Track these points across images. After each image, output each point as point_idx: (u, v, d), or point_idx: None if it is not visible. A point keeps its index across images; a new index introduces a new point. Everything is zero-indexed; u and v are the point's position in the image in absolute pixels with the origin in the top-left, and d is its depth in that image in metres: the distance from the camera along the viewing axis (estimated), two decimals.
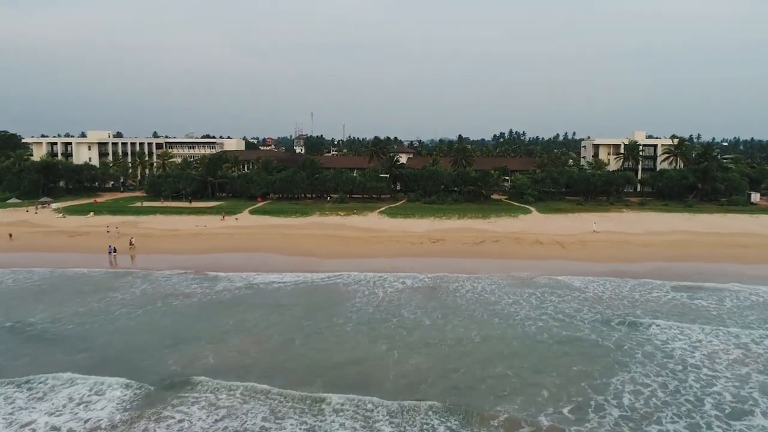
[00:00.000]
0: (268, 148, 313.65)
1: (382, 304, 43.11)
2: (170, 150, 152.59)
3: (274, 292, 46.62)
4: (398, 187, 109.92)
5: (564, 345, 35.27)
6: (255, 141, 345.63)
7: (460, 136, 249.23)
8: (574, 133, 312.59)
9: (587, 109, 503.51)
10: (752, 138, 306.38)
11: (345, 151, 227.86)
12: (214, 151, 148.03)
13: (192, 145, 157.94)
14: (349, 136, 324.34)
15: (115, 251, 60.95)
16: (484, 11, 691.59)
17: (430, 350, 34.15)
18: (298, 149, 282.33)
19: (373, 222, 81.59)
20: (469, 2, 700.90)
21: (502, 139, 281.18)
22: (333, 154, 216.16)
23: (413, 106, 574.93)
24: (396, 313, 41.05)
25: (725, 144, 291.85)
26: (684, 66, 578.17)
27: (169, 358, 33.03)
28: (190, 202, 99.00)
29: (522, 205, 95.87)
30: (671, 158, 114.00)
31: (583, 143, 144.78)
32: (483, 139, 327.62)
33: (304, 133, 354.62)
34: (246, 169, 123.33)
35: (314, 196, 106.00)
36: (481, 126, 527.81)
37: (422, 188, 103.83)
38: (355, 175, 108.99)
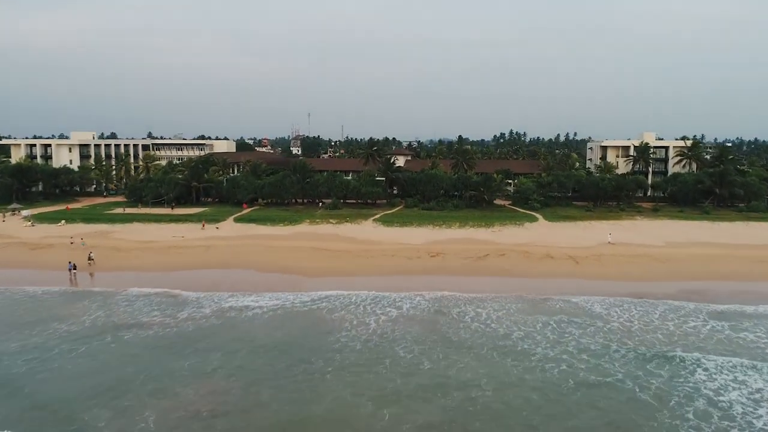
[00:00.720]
0: (264, 149, 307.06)
1: (373, 339, 36.51)
2: (157, 152, 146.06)
3: (245, 322, 39.91)
4: (395, 192, 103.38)
5: (594, 395, 28.72)
6: (252, 142, 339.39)
7: (460, 136, 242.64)
8: (575, 134, 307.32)
9: (588, 109, 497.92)
10: (756, 139, 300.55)
11: (342, 152, 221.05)
12: (203, 153, 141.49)
13: (180, 146, 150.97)
14: (347, 137, 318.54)
15: (74, 268, 54.15)
16: (484, 11, 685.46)
17: (430, 408, 27.49)
18: (294, 150, 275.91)
19: (367, 231, 74.97)
20: (470, 2, 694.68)
21: (502, 140, 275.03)
22: (328, 156, 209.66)
23: (412, 106, 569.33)
24: (389, 351, 34.42)
25: (729, 145, 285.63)
26: (686, 66, 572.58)
27: (101, 418, 26.39)
28: (172, 208, 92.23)
29: (527, 212, 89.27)
30: (684, 161, 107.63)
31: (588, 144, 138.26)
32: (483, 140, 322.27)
33: (300, 134, 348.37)
34: (236, 172, 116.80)
35: (306, 201, 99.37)
36: (480, 126, 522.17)
37: (420, 193, 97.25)
38: (349, 178, 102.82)
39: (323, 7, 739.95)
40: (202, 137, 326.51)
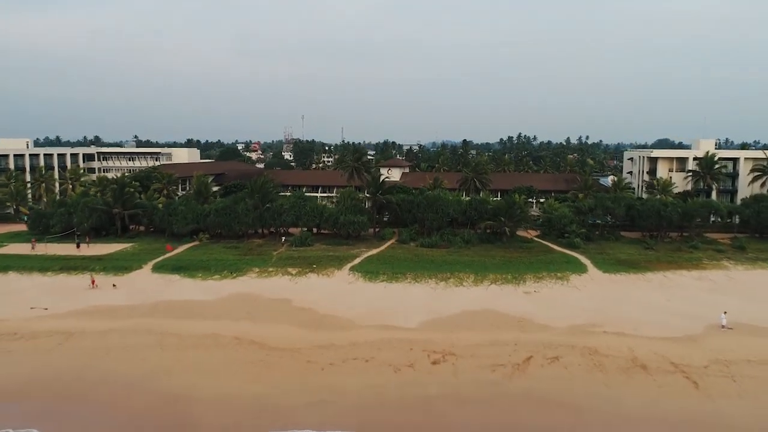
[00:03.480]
0: (254, 154, 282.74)
1: None
2: (104, 163, 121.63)
3: None
4: (386, 217, 78.50)
5: None
6: (242, 146, 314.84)
7: (464, 140, 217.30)
8: (587, 137, 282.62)
9: (591, 111, 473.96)
10: None
11: (337, 157, 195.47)
12: (158, 163, 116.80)
13: (132, 156, 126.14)
14: (343, 140, 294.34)
15: None
16: (486, 11, 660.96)
17: None
18: (287, 155, 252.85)
19: (338, 294, 49.97)
20: (475, 4, 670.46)
21: (509, 144, 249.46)
22: (316, 167, 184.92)
23: (414, 108, 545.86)
24: None
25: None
26: (689, 67, 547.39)
27: None
28: (78, 246, 67.15)
29: (566, 252, 64.12)
30: (764, 177, 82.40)
31: (627, 154, 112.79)
32: (487, 143, 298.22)
33: (293, 138, 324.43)
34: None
35: (267, 232, 74.52)
36: (485, 129, 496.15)
37: (419, 222, 72.29)
38: (332, 195, 77.84)
39: (325, 7, 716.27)
40: (190, 141, 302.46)
